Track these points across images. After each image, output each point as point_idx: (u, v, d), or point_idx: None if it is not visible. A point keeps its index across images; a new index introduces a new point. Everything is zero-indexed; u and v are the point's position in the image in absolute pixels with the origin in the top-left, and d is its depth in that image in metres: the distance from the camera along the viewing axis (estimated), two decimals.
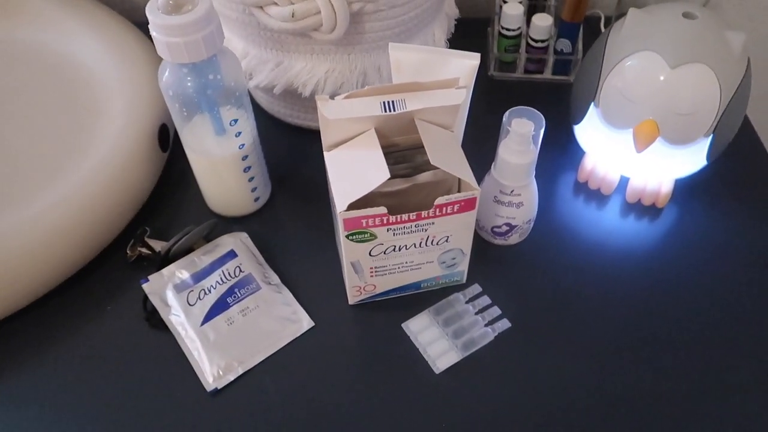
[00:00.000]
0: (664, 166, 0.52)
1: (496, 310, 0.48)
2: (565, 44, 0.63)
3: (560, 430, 0.42)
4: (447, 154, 0.42)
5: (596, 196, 0.56)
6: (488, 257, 0.52)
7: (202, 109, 0.46)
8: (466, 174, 0.41)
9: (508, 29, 0.63)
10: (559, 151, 0.59)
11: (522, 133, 0.44)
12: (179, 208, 0.56)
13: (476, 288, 0.49)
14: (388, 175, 0.38)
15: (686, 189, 0.56)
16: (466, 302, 0.48)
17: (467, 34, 0.65)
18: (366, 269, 0.44)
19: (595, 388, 0.44)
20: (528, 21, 0.64)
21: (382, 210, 0.40)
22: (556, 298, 0.49)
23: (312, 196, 0.56)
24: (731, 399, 0.43)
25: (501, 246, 0.52)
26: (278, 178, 0.57)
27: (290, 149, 0.60)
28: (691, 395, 0.44)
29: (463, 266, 0.47)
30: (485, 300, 0.48)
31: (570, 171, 0.58)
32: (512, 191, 0.48)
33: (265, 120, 0.62)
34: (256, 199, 0.54)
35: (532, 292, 0.49)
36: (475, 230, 0.53)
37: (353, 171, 0.41)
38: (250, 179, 0.52)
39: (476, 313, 0.47)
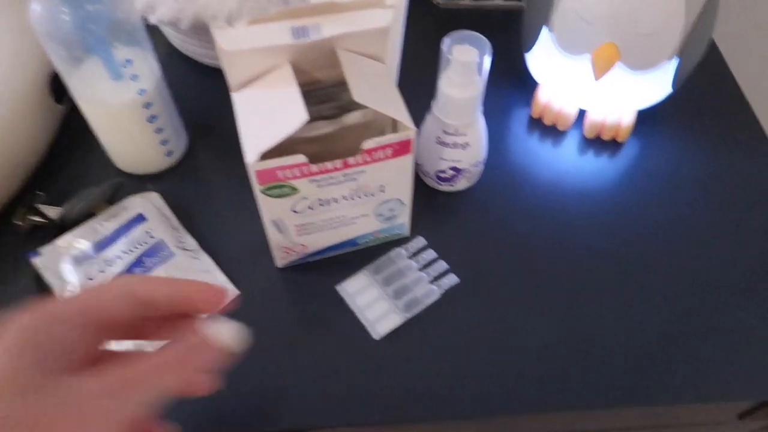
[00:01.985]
0: (625, 96, 0.47)
1: (442, 265, 0.43)
2: None
3: (516, 396, 0.38)
4: (376, 89, 0.35)
5: (552, 132, 0.51)
6: (434, 206, 0.46)
7: (89, 49, 0.39)
8: (398, 111, 0.35)
9: None
10: (510, 83, 0.53)
11: (464, 62, 0.38)
12: (82, 168, 0.48)
13: (420, 241, 0.44)
14: (306, 118, 0.32)
15: (649, 120, 0.51)
16: (409, 257, 0.43)
17: None
18: (291, 228, 0.39)
19: (554, 344, 0.40)
20: None
21: (301, 158, 0.34)
22: (510, 247, 0.44)
23: (236, 147, 0.48)
24: (698, 344, 0.40)
25: (448, 192, 0.47)
26: (196, 128, 0.50)
27: (208, 94, 0.52)
28: (660, 343, 0.40)
29: (404, 218, 0.42)
30: (430, 254, 0.43)
31: (523, 106, 0.52)
32: (457, 131, 0.42)
33: (177, 61, 0.54)
34: (169, 153, 0.47)
35: (483, 242, 0.45)
36: (419, 176, 0.47)
37: (266, 114, 0.35)
38: (158, 130, 0.45)
39: (420, 269, 0.42)
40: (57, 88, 0.48)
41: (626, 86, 0.46)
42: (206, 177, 0.48)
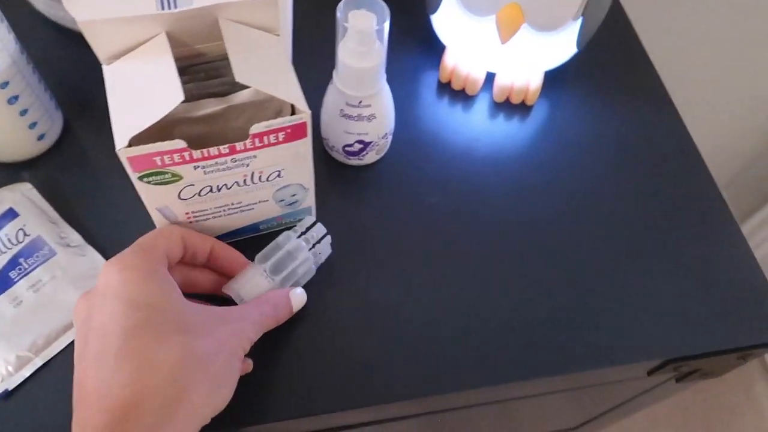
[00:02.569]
0: (532, 58, 0.46)
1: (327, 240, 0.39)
2: None
3: (430, 376, 0.37)
4: (265, 66, 0.32)
5: (461, 97, 0.49)
6: (343, 181, 0.44)
7: None
8: (289, 92, 0.32)
9: None
10: (416, 46, 0.51)
11: (362, 29, 0.35)
12: None
13: (310, 219, 0.40)
14: (182, 97, 0.29)
15: (556, 82, 0.50)
16: (299, 236, 0.38)
17: None
18: (181, 215, 0.35)
19: (464, 317, 0.39)
20: None
21: (179, 144, 0.30)
22: (420, 219, 0.43)
23: None
24: (607, 309, 0.40)
25: (357, 167, 0.45)
26: (73, 107, 0.45)
27: (82, 65, 0.46)
28: (569, 310, 0.40)
29: (309, 202, 0.39)
30: (320, 230, 0.39)
31: (430, 70, 0.50)
32: (360, 102, 0.39)
33: (43, 28, 0.48)
34: (41, 137, 0.42)
35: (395, 216, 0.43)
36: (325, 151, 0.45)
37: (138, 92, 0.31)
38: (23, 112, 0.39)
39: (311, 248, 0.38)
40: None
41: (532, 47, 0.44)
42: (87, 161, 0.43)
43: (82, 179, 0.42)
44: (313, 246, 0.38)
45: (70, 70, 0.46)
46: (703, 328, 0.40)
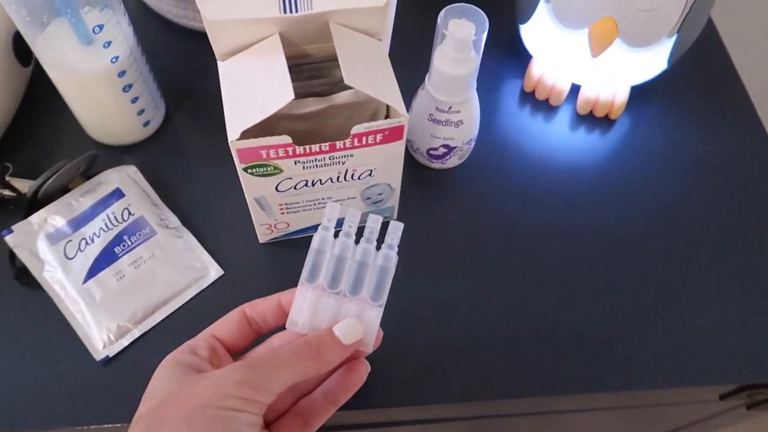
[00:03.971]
0: (620, 72, 0.46)
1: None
2: None
3: (494, 379, 0.38)
4: (368, 69, 0.33)
5: (544, 107, 0.50)
6: (424, 184, 0.45)
7: (55, 12, 0.36)
8: (391, 96, 0.33)
9: None
10: (502, 54, 0.51)
11: (460, 38, 0.36)
12: (52, 137, 0.46)
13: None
14: (292, 96, 0.30)
15: (641, 96, 0.50)
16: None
17: None
18: (275, 206, 0.37)
19: (540, 326, 0.40)
20: None
21: (285, 139, 0.32)
22: (498, 226, 0.44)
23: (217, 116, 0.46)
24: (683, 327, 0.40)
25: (438, 170, 0.46)
26: (174, 96, 0.48)
27: (187, 59, 0.50)
28: (646, 326, 0.40)
29: (393, 202, 0.40)
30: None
31: (515, 79, 0.51)
32: (450, 108, 0.40)
33: (154, 23, 0.51)
34: (146, 124, 0.45)
35: (473, 221, 0.44)
36: (408, 153, 0.46)
37: (250, 88, 0.33)
38: (134, 100, 0.42)
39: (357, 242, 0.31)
40: (22, 50, 0.45)
41: (622, 62, 0.44)
42: (186, 148, 0.46)
43: (179, 165, 0.45)
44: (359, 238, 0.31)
45: (171, 62, 0.49)
46: None
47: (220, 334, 0.32)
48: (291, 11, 0.31)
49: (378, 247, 0.31)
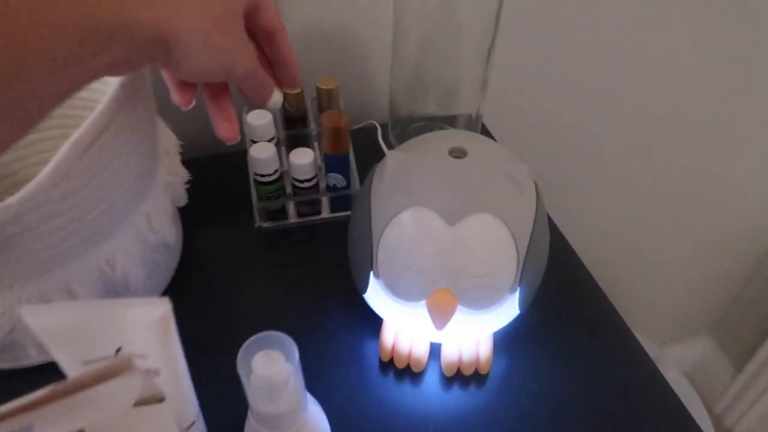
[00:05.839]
0: (475, 329, 0.42)
1: None
2: (337, 179, 0.52)
3: None
4: None
5: (408, 373, 0.44)
6: None
7: None
8: None
9: (262, 175, 0.50)
10: (355, 315, 0.47)
11: (268, 376, 0.30)
12: None
13: None
14: None
15: (508, 340, 0.46)
16: None
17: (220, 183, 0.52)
18: None
19: None
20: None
21: None
22: None
23: None
24: None
25: None
26: None
27: None
28: None
29: None
30: None
31: (371, 343, 0.46)
32: None
33: None
34: None
35: None
36: None
37: None
38: None
39: None
40: None
41: (473, 321, 0.41)
42: None
43: None
44: None
45: None
46: None
47: None
48: None
49: None
